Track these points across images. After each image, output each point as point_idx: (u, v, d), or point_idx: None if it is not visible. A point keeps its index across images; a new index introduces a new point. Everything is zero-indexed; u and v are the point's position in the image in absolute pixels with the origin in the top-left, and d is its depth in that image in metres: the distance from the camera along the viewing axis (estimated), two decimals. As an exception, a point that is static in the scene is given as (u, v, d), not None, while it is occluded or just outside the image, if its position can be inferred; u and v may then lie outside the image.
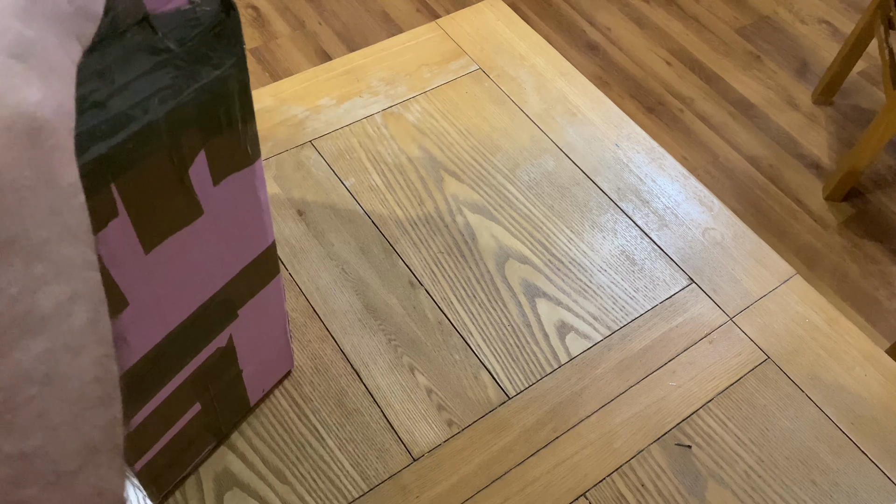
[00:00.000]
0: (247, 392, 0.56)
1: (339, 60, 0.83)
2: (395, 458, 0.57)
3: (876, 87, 1.94)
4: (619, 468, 0.58)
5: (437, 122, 0.78)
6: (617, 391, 0.61)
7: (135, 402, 0.43)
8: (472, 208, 0.71)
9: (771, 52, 2.01)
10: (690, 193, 0.74)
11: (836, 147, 1.81)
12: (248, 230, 0.44)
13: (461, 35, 0.86)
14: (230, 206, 0.41)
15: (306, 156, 0.74)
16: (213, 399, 0.51)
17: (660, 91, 1.91)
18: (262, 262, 0.47)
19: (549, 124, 0.79)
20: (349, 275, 0.66)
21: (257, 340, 0.53)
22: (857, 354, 0.64)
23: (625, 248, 0.70)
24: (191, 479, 0.55)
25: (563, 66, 0.84)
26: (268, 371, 0.57)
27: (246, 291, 0.48)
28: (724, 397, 0.61)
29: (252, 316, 0.50)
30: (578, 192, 0.73)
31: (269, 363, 0.57)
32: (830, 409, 0.61)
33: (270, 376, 0.58)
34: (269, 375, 0.58)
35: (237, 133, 0.38)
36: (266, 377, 0.57)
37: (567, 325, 0.65)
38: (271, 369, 0.58)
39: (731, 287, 0.68)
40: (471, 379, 0.61)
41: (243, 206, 0.42)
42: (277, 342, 0.56)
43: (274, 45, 1.93)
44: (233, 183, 0.40)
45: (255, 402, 0.58)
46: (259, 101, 0.78)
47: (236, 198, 0.41)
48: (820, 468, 0.58)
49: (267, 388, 0.58)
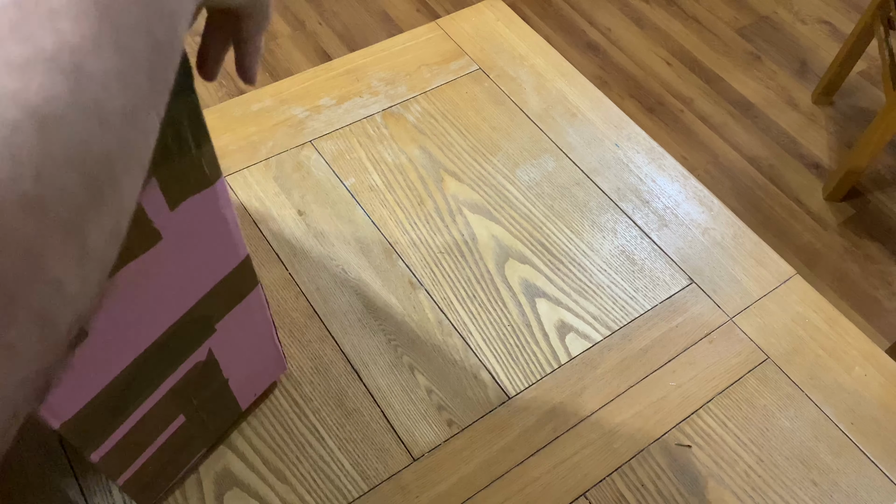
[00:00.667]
0: (236, 399, 0.55)
1: (339, 60, 0.83)
2: (395, 458, 0.57)
3: (876, 87, 1.94)
4: (619, 468, 0.58)
5: (437, 122, 0.78)
6: (617, 391, 0.61)
7: (111, 419, 0.43)
8: (472, 208, 0.71)
9: (771, 52, 2.01)
10: (690, 193, 0.74)
11: (836, 147, 1.81)
12: (217, 249, 0.43)
13: (461, 35, 0.86)
14: (192, 228, 0.40)
15: (306, 156, 0.74)
16: (197, 410, 0.51)
17: (660, 91, 1.91)
18: (236, 278, 0.46)
19: (549, 124, 0.79)
20: (349, 275, 0.66)
21: (241, 350, 0.52)
22: (856, 354, 0.64)
23: (625, 248, 0.70)
24: (191, 479, 0.55)
25: (563, 66, 0.84)
26: (258, 377, 0.57)
27: (222, 307, 0.47)
28: (724, 397, 0.61)
29: (232, 328, 0.49)
30: (578, 192, 0.73)
31: (257, 370, 0.56)
32: (830, 409, 0.61)
33: (261, 381, 0.58)
34: (259, 381, 0.57)
35: (191, 156, 0.37)
36: (257, 383, 0.57)
37: (567, 325, 0.65)
38: (262, 375, 0.57)
39: (731, 287, 0.68)
40: (471, 379, 0.61)
41: (207, 227, 0.42)
42: (264, 349, 0.55)
43: (274, 45, 1.93)
44: (193, 205, 0.39)
45: (246, 406, 0.57)
46: (259, 101, 0.78)
47: (198, 219, 0.40)
48: (820, 468, 0.58)
49: (259, 393, 0.58)
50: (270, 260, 0.67)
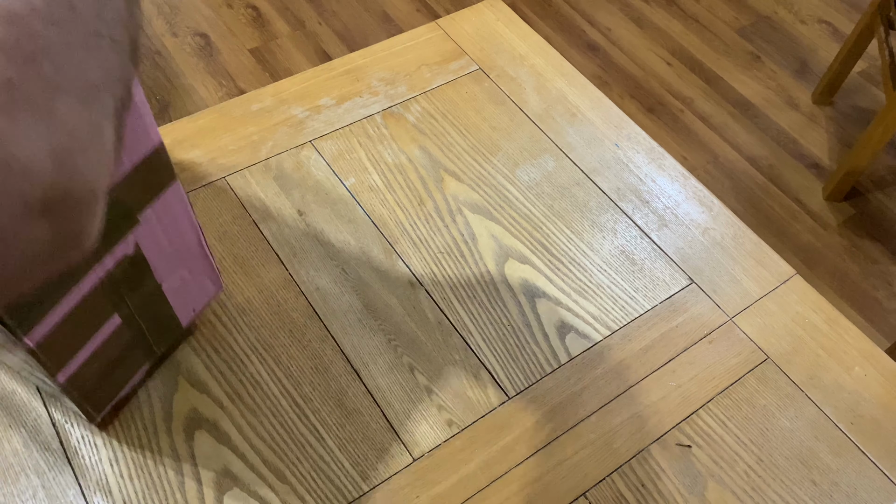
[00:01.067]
0: (174, 311, 0.57)
1: (339, 60, 0.83)
2: (395, 458, 0.57)
3: (876, 87, 1.94)
4: (619, 468, 0.58)
5: (437, 122, 0.78)
6: (617, 391, 0.61)
7: (41, 300, 0.45)
8: (472, 208, 0.71)
9: (771, 53, 2.01)
10: (690, 193, 0.74)
11: (836, 147, 1.81)
12: (128, 131, 0.45)
13: (461, 35, 0.86)
14: None
15: (306, 156, 0.74)
16: (133, 313, 0.53)
17: (660, 91, 1.91)
18: (151, 166, 0.49)
19: (549, 124, 0.79)
20: (349, 275, 0.66)
21: (170, 254, 0.54)
22: (856, 354, 0.64)
23: (625, 248, 0.70)
24: (191, 479, 0.55)
25: (563, 66, 0.84)
26: (194, 290, 0.59)
27: (141, 196, 0.49)
28: (724, 397, 0.61)
29: (157, 225, 0.52)
30: (578, 192, 0.73)
31: (192, 281, 0.58)
32: (830, 409, 0.61)
33: (199, 296, 0.60)
34: (196, 295, 0.59)
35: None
36: (194, 296, 0.59)
37: (567, 325, 0.65)
38: (198, 288, 0.59)
39: (731, 287, 0.68)
40: (471, 379, 0.61)
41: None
42: (195, 257, 0.57)
43: (274, 45, 1.93)
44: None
45: (187, 323, 0.59)
46: (259, 101, 0.78)
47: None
48: (820, 468, 0.58)
49: (198, 309, 0.60)
50: (270, 260, 0.67)
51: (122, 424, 0.57)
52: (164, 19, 1.94)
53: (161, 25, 1.92)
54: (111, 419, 0.58)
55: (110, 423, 0.57)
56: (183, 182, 0.71)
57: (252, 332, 0.63)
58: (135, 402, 0.58)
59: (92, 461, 0.56)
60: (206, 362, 0.61)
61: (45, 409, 0.58)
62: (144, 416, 0.58)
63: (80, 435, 0.57)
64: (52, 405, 0.58)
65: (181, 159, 0.73)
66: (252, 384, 0.60)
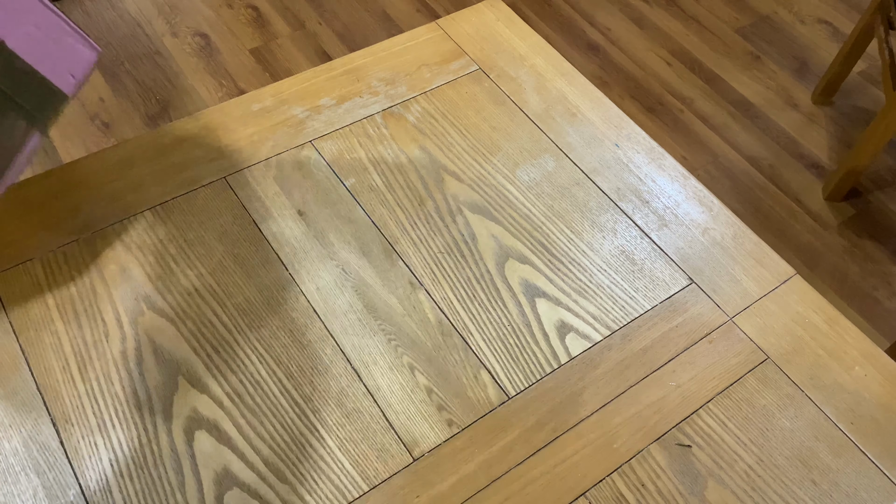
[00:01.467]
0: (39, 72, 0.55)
1: (339, 60, 0.83)
2: (395, 458, 0.57)
3: (876, 87, 1.94)
4: (619, 468, 0.58)
5: (437, 122, 0.78)
6: (617, 391, 0.61)
7: None
8: (472, 208, 0.71)
9: (771, 53, 2.01)
10: (690, 193, 0.74)
11: (836, 147, 1.81)
12: None
13: (461, 35, 0.86)
14: None
15: (306, 156, 0.74)
16: None
17: (660, 91, 1.91)
18: None
19: (549, 124, 0.79)
20: (349, 275, 0.66)
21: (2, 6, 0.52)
22: (856, 354, 0.64)
23: (625, 248, 0.70)
24: (190, 479, 0.55)
25: (563, 66, 0.84)
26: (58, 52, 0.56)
27: None
28: (724, 397, 0.61)
29: None
30: (578, 192, 0.73)
31: (48, 40, 0.55)
32: (830, 409, 0.61)
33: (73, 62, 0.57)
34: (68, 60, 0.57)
35: None
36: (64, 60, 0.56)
37: (567, 325, 0.65)
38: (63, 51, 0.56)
39: (731, 287, 0.68)
40: (471, 379, 0.61)
41: None
42: (34, 11, 0.55)
43: (274, 45, 1.93)
44: None
45: (71, 90, 0.57)
46: (259, 101, 0.78)
47: None
48: (820, 468, 0.58)
49: (78, 76, 0.58)
50: (270, 260, 0.67)
51: (123, 424, 0.58)
52: (164, 19, 1.94)
53: (161, 25, 1.92)
54: (111, 418, 0.58)
55: (110, 423, 0.57)
56: (183, 182, 0.72)
57: (252, 332, 0.63)
58: (135, 402, 0.59)
59: (92, 461, 0.56)
60: (206, 362, 0.61)
61: (45, 409, 0.58)
62: (144, 416, 0.58)
63: (80, 435, 0.57)
64: (53, 405, 0.58)
65: (181, 159, 0.73)
66: (252, 384, 0.60)
